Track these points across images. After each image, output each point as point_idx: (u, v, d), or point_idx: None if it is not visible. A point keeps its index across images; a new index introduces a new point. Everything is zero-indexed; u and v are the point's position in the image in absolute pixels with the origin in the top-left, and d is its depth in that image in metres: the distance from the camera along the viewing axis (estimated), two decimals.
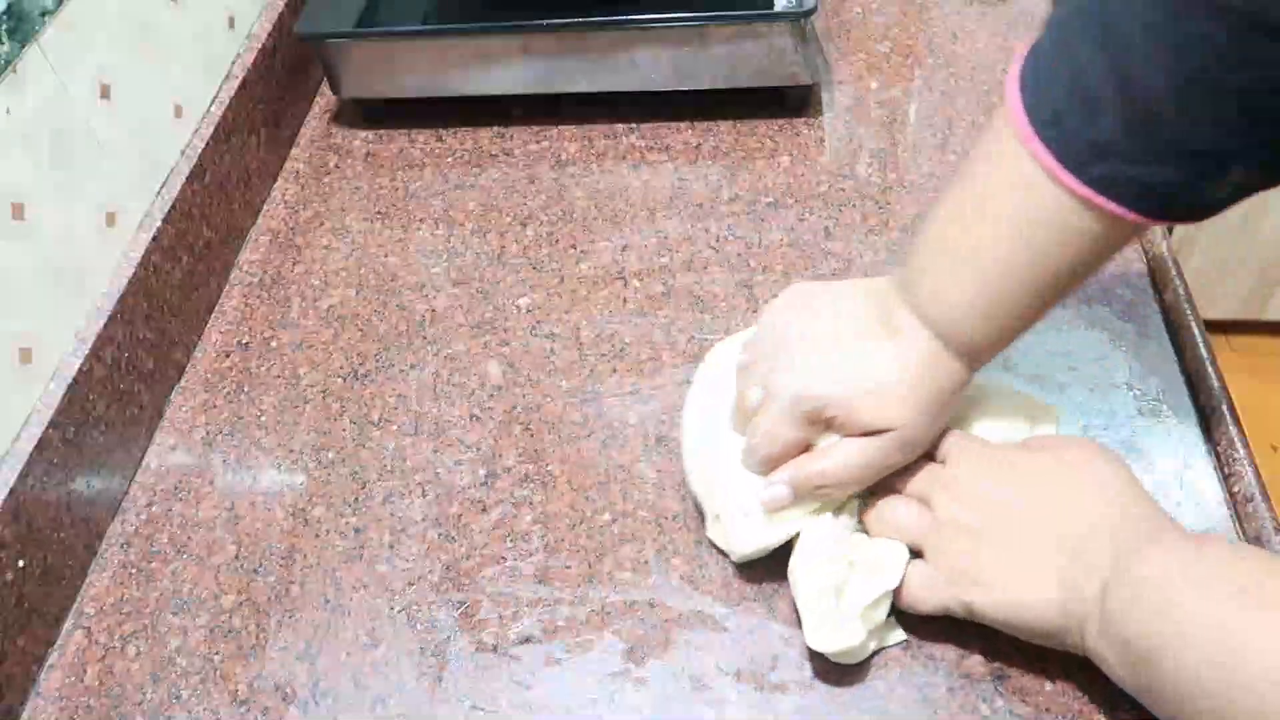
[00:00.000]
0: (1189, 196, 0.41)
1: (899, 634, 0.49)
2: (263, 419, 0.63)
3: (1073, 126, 0.41)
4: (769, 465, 0.50)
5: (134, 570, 0.56)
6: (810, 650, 0.48)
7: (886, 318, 0.49)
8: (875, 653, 0.49)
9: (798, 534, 0.50)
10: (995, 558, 0.45)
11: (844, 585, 0.48)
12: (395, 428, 0.61)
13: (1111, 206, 0.41)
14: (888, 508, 0.49)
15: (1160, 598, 0.40)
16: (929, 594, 0.47)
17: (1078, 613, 0.42)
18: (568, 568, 0.53)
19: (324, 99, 0.86)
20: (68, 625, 0.54)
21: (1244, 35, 0.36)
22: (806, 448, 0.50)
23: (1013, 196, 0.44)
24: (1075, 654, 0.44)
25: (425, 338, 0.66)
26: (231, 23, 0.77)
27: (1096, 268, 0.46)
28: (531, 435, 0.60)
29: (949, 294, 0.47)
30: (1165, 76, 0.38)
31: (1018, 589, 0.44)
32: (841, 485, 0.49)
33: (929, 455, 0.50)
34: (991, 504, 0.46)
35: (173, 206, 0.66)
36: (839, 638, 0.46)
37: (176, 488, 0.60)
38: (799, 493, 0.49)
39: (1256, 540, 0.50)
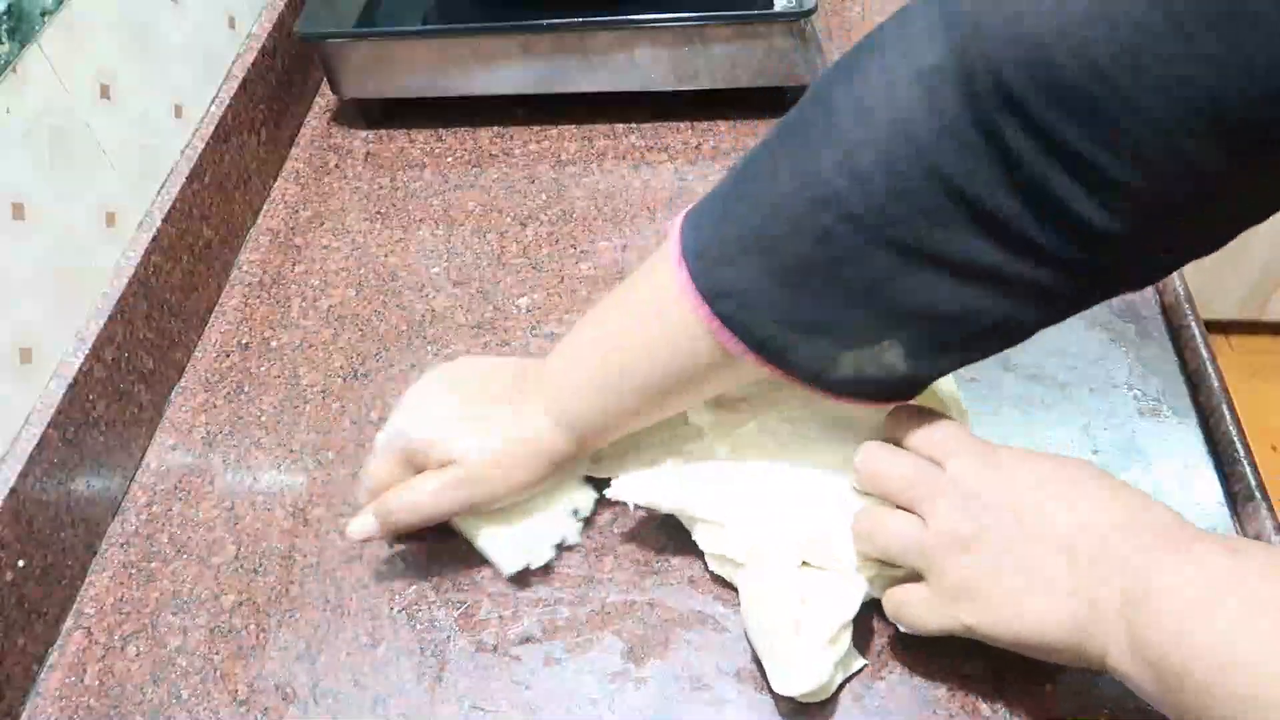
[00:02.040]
0: (809, 362, 0.44)
1: (859, 661, 0.48)
2: (263, 419, 0.63)
3: (710, 265, 0.43)
4: (370, 498, 0.53)
5: (134, 570, 0.56)
6: None
7: (519, 391, 0.52)
8: (841, 685, 0.47)
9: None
10: (997, 572, 0.42)
11: (800, 622, 0.46)
12: None
13: (732, 341, 0.44)
14: (878, 524, 0.46)
15: (1198, 615, 0.37)
16: (930, 616, 0.44)
17: (1095, 629, 0.40)
18: (568, 568, 0.53)
19: (324, 99, 0.86)
20: (68, 625, 0.54)
21: (862, 235, 0.40)
22: None
23: (648, 303, 0.47)
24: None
25: (425, 338, 0.66)
26: (231, 23, 0.77)
27: (714, 388, 0.49)
28: None
29: (574, 384, 0.50)
30: (797, 245, 0.41)
31: (1023, 606, 0.41)
32: (411, 514, 0.51)
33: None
34: (991, 510, 0.43)
35: (173, 206, 0.66)
36: (806, 678, 0.45)
37: (176, 488, 0.60)
38: (381, 521, 0.51)
39: (1256, 540, 0.50)
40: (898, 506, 0.46)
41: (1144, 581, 0.39)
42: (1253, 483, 0.52)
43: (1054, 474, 0.44)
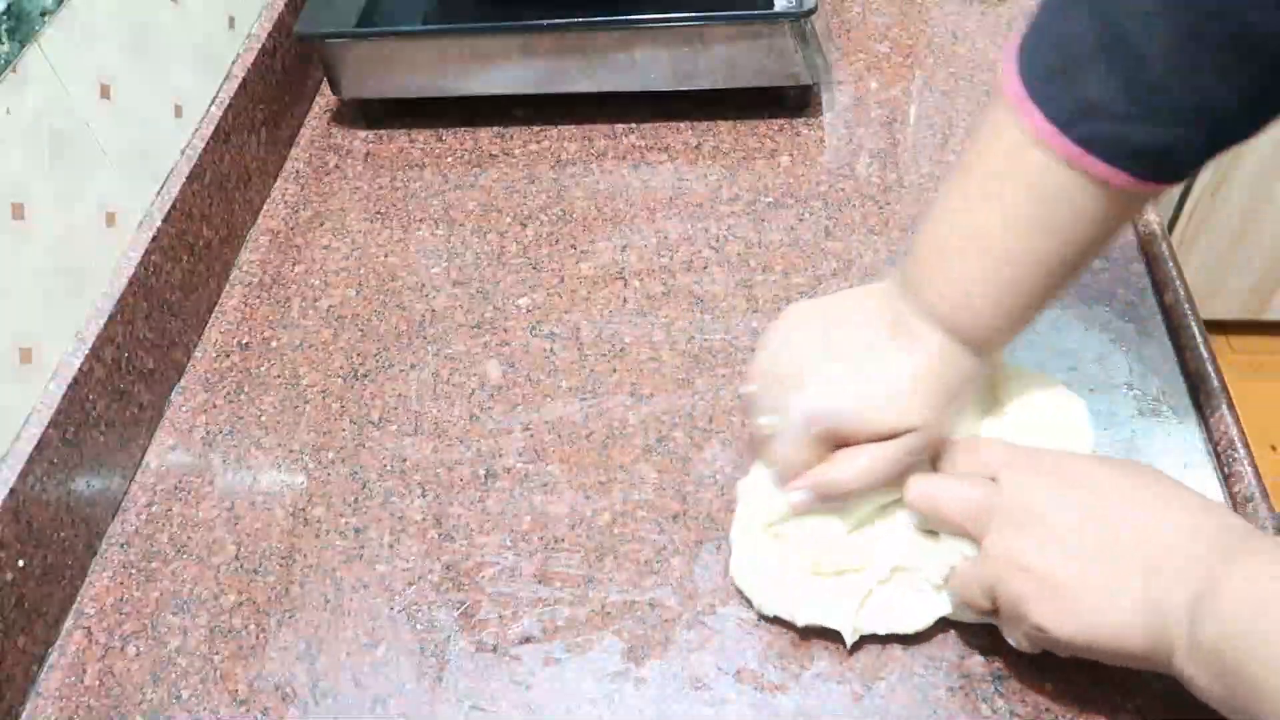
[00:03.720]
0: (1179, 155, 0.41)
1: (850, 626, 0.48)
2: (263, 419, 0.63)
3: (1062, 85, 0.40)
4: (789, 480, 0.50)
5: (134, 570, 0.56)
6: (811, 649, 0.48)
7: (895, 322, 0.48)
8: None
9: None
10: (1070, 586, 0.41)
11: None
12: (395, 428, 0.61)
13: (1101, 167, 0.40)
14: (964, 581, 0.45)
15: (1262, 614, 0.36)
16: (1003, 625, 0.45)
17: (1164, 632, 0.39)
18: (568, 568, 0.53)
19: (324, 99, 0.86)
20: (68, 625, 0.54)
21: None
22: None
23: (1011, 173, 0.43)
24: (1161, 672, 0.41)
25: (425, 338, 0.66)
26: (231, 23, 0.77)
27: (1105, 241, 0.45)
28: (531, 435, 0.60)
29: (956, 287, 0.46)
30: (1157, 37, 0.38)
31: (1098, 615, 0.41)
32: (861, 490, 0.48)
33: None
34: (1056, 525, 0.42)
35: (173, 206, 0.66)
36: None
37: (176, 488, 0.60)
38: (820, 498, 0.49)
39: None
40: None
41: (1209, 583, 0.38)
42: (1253, 483, 0.52)
43: (1110, 478, 0.43)
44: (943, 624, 0.49)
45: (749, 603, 0.51)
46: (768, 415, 0.50)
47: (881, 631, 0.48)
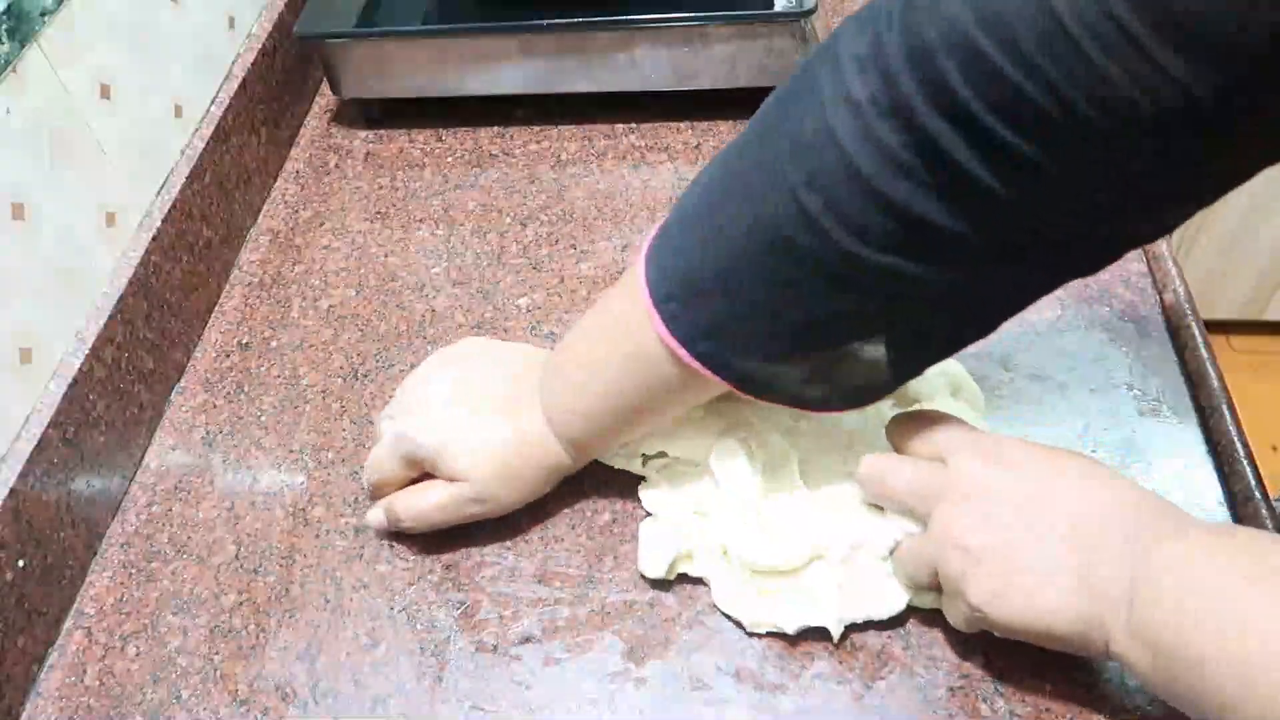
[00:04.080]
0: (781, 382, 0.46)
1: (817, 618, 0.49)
2: (263, 419, 0.63)
3: (682, 308, 0.45)
4: (375, 489, 0.55)
5: (134, 570, 0.56)
6: (811, 649, 0.48)
7: (518, 396, 0.53)
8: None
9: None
10: (1007, 567, 0.42)
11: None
12: None
13: (711, 375, 0.45)
14: (906, 557, 0.48)
15: (1184, 588, 0.38)
16: (946, 608, 0.47)
17: (1098, 618, 0.40)
18: (568, 568, 0.53)
19: (324, 99, 0.86)
20: (68, 625, 0.54)
21: (826, 275, 0.41)
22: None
23: (634, 344, 0.47)
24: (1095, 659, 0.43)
25: (425, 338, 0.66)
26: (231, 23, 0.77)
27: (705, 398, 0.51)
28: None
29: (569, 399, 0.51)
30: (760, 289, 0.42)
31: (1033, 599, 0.42)
32: (419, 523, 0.53)
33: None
34: (997, 507, 0.44)
35: (173, 206, 0.66)
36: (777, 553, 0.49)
37: (176, 488, 0.60)
38: (389, 522, 0.54)
39: None
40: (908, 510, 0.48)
41: (1143, 565, 0.39)
42: (1253, 483, 0.52)
43: (1052, 465, 0.45)
44: (941, 623, 0.49)
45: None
46: (387, 419, 0.55)
47: (860, 619, 0.48)
